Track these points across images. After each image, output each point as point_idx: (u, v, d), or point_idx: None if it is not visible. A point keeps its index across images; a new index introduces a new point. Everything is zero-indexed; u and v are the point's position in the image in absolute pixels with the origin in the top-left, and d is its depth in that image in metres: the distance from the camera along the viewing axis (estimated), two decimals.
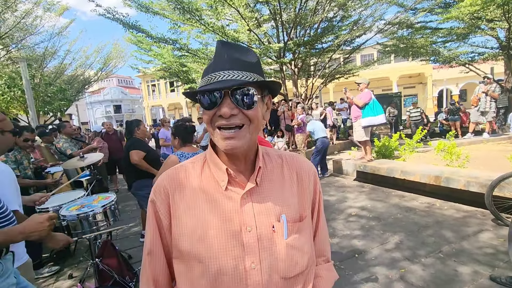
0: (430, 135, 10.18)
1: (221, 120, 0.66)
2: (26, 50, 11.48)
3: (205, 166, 0.78)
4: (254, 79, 0.67)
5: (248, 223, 0.70)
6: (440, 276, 2.49)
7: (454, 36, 10.54)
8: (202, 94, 0.67)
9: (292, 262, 0.72)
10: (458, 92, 23.99)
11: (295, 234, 0.74)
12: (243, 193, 0.72)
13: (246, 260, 0.69)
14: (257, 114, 0.68)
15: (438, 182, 4.20)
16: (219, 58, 0.68)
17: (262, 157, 0.79)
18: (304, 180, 0.81)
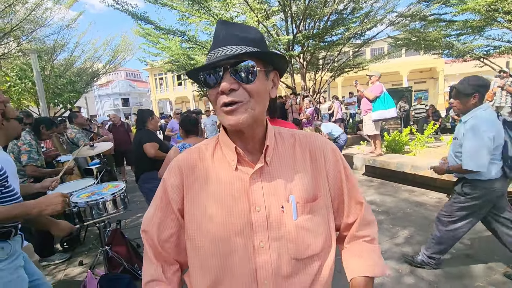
0: (441, 131, 9.98)
1: (223, 97, 0.65)
2: (37, 42, 11.59)
3: (217, 147, 0.78)
4: (252, 50, 0.65)
5: (257, 202, 0.70)
6: (452, 271, 2.45)
7: (469, 29, 10.19)
8: (203, 74, 0.67)
9: (303, 244, 0.71)
10: None
11: (306, 214, 0.72)
12: (252, 173, 0.71)
13: (254, 239, 0.69)
14: (258, 89, 0.66)
15: (450, 177, 4.10)
16: (218, 36, 0.68)
17: (274, 136, 0.77)
18: (318, 159, 0.78)
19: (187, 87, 28.12)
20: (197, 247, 0.72)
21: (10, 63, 11.25)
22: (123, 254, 2.62)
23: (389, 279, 2.40)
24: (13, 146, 2.91)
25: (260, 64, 0.67)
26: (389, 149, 6.05)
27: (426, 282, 2.34)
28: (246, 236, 0.69)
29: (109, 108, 37.49)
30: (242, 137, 0.73)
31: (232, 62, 0.64)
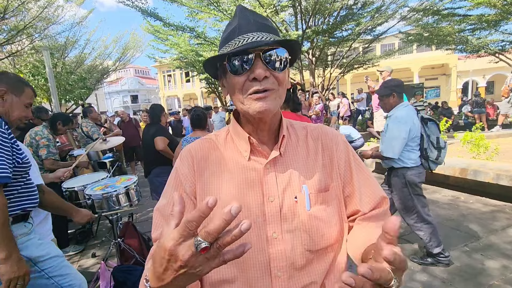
0: (454, 128, 9.77)
1: (255, 84, 0.63)
2: (49, 40, 11.79)
3: (228, 138, 0.78)
4: (283, 39, 0.65)
5: (270, 193, 0.69)
6: (466, 269, 2.40)
7: (484, 23, 9.90)
8: (230, 59, 0.64)
9: (317, 234, 0.70)
10: (485, 84, 22.78)
11: (320, 205, 0.71)
12: (266, 163, 0.70)
13: (268, 230, 0.68)
14: (285, 78, 0.68)
15: (464, 175, 4.02)
16: (245, 21, 0.66)
17: (287, 128, 0.77)
18: (331, 149, 0.77)
19: (195, 84, 28.22)
20: None
21: (23, 60, 11.49)
22: (135, 247, 2.65)
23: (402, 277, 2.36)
24: (31, 140, 2.98)
25: (286, 54, 0.67)
26: None
27: (439, 279, 2.30)
28: (259, 226, 0.68)
29: (118, 105, 37.98)
30: (259, 127, 0.72)
31: (265, 49, 0.63)
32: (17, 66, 11.52)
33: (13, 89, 1.43)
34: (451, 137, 6.72)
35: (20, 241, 1.32)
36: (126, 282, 2.18)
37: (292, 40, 0.68)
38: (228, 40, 0.66)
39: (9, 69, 11.85)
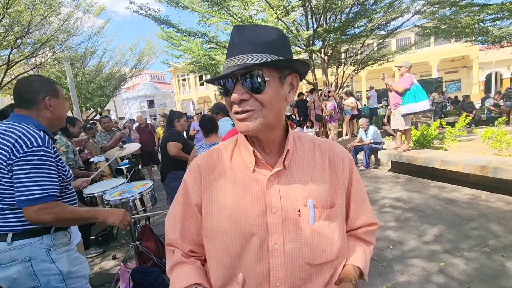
0: (476, 123, 9.37)
1: (235, 105, 0.67)
2: (69, 51, 12.34)
3: (236, 149, 0.80)
4: (261, 60, 0.63)
5: (273, 204, 0.71)
6: (486, 271, 2.32)
7: (506, 12, 9.42)
8: (219, 83, 0.69)
9: (318, 249, 0.72)
10: (510, 75, 21.62)
11: (323, 220, 0.73)
12: (270, 175, 0.72)
13: (269, 240, 0.70)
14: (269, 98, 0.66)
15: (484, 173, 3.87)
16: (231, 44, 0.68)
17: (294, 140, 0.78)
18: (338, 166, 0.79)
19: (209, 87, 28.60)
20: (213, 244, 0.75)
21: (46, 71, 12.09)
22: (152, 249, 2.75)
23: (417, 278, 2.33)
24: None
25: (273, 71, 0.66)
26: (416, 144, 5.79)
27: (457, 281, 2.24)
28: (261, 237, 0.70)
29: (135, 110, 39.10)
30: (260, 141, 0.75)
31: (242, 72, 0.64)
32: None
33: (52, 93, 1.42)
34: (471, 133, 6.46)
35: (58, 251, 1.34)
36: (144, 283, 2.28)
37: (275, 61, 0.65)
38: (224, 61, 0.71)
39: None
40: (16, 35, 8.20)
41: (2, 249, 1.24)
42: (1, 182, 1.22)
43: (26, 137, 1.24)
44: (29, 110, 1.35)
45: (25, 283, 1.26)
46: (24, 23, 8.20)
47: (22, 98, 1.35)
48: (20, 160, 1.21)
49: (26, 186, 1.19)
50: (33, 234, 1.28)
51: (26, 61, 10.60)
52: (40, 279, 1.27)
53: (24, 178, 1.20)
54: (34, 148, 1.23)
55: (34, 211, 1.20)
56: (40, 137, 1.28)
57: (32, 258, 1.26)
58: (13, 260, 1.24)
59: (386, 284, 2.29)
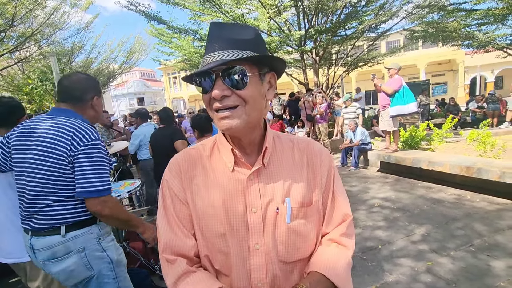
0: (461, 125, 9.63)
1: (215, 102, 0.65)
2: (56, 45, 12.00)
3: (215, 148, 0.78)
4: (243, 55, 0.62)
5: (253, 204, 0.70)
6: (472, 270, 2.37)
7: (491, 18, 9.72)
8: (197, 79, 0.67)
9: (293, 247, 0.72)
10: (493, 79, 22.33)
11: (300, 219, 0.72)
12: (249, 174, 0.71)
13: (250, 241, 0.69)
14: (251, 94, 0.65)
15: (469, 173, 3.97)
16: (210, 40, 0.66)
17: (273, 140, 0.77)
18: (315, 164, 0.78)
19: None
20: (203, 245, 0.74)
21: (31, 66, 11.74)
22: (140, 250, 2.69)
23: (405, 277, 2.35)
24: None
25: (254, 68, 0.65)
26: (405, 145, 5.89)
27: (444, 280, 2.28)
28: (242, 237, 0.69)
29: (125, 108, 38.40)
30: (240, 140, 0.73)
31: (224, 68, 0.62)
32: (25, 72, 11.76)
33: (99, 93, 1.47)
34: (457, 134, 6.62)
35: (106, 239, 1.38)
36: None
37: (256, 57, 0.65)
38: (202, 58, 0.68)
39: (18, 75, 12.13)
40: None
41: (57, 242, 1.26)
42: (59, 173, 1.24)
43: (83, 131, 1.27)
44: (75, 106, 1.38)
45: (81, 274, 1.30)
46: (8, 15, 7.92)
47: (70, 94, 1.37)
48: (83, 152, 1.24)
49: (92, 177, 1.24)
50: (84, 225, 1.31)
51: (10, 55, 10.24)
52: (94, 268, 1.31)
53: (89, 170, 1.24)
54: (93, 142, 1.28)
55: (99, 202, 1.26)
56: (95, 131, 1.33)
57: (86, 248, 1.30)
58: (68, 252, 1.27)
59: (375, 284, 2.31)
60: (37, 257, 1.29)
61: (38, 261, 1.30)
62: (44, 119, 1.32)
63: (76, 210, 1.29)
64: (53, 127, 1.27)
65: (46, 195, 1.25)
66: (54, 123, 1.28)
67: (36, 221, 1.27)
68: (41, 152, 1.24)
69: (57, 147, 1.24)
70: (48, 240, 1.26)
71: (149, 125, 3.77)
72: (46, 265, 1.29)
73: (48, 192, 1.25)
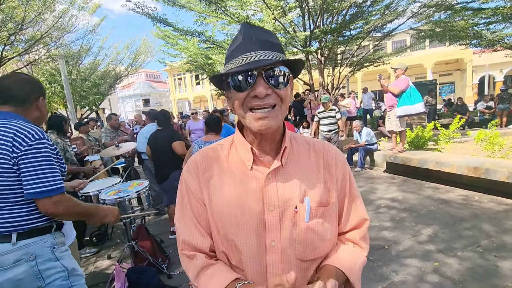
0: (469, 125, 9.50)
1: (255, 101, 0.67)
2: (64, 48, 12.21)
3: (232, 148, 0.80)
4: (284, 57, 0.68)
5: (271, 202, 0.72)
6: (479, 270, 2.36)
7: (499, 17, 9.55)
8: (233, 77, 0.67)
9: (311, 246, 0.73)
10: (502, 78, 21.96)
11: (318, 218, 0.74)
12: (268, 173, 0.73)
13: (267, 238, 0.71)
14: (288, 94, 0.70)
15: (477, 174, 3.93)
16: (247, 39, 0.67)
17: (289, 140, 0.79)
18: (331, 166, 0.80)
19: (205, 86, 28.53)
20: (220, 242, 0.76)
21: (40, 69, 11.94)
22: (148, 249, 2.74)
23: (412, 277, 2.35)
24: None
25: (287, 70, 0.69)
26: (411, 145, 5.85)
27: (451, 281, 2.27)
28: (259, 234, 0.71)
29: (131, 109, 38.79)
30: (262, 139, 0.74)
31: (267, 68, 0.65)
32: (34, 74, 11.98)
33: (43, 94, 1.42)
34: (465, 135, 6.55)
35: (60, 249, 1.33)
36: (139, 283, 2.26)
37: (295, 60, 0.70)
38: (232, 57, 0.69)
39: None
40: (9, 31, 8.07)
41: (6, 250, 1.18)
42: (5, 178, 1.19)
43: (24, 131, 1.22)
44: (17, 108, 1.31)
45: (29, 284, 1.22)
46: (17, 19, 8.08)
47: (12, 96, 1.31)
48: (27, 152, 1.19)
49: (40, 178, 1.19)
50: (38, 233, 1.25)
51: (19, 58, 10.45)
52: (45, 278, 1.25)
53: (36, 170, 1.19)
54: (38, 141, 1.22)
55: (53, 202, 1.21)
56: (39, 130, 1.26)
57: (38, 256, 1.23)
58: (17, 261, 1.19)
59: (381, 284, 2.31)
60: None
61: None
62: None
63: (29, 217, 1.23)
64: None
65: None
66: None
67: None
68: None
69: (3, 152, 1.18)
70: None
71: (154, 126, 3.83)
72: None
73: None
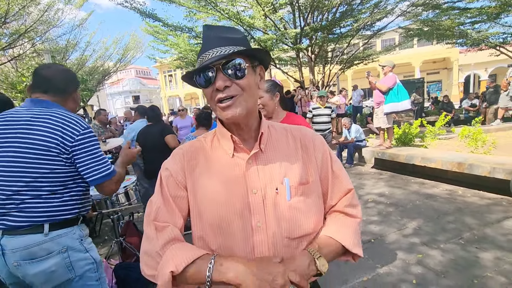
0: (454, 123, 9.75)
1: (218, 93, 0.72)
2: (50, 43, 11.90)
3: (215, 139, 0.85)
4: (239, 49, 0.72)
5: (253, 185, 0.76)
6: (460, 262, 2.44)
7: (484, 16, 9.82)
8: (198, 75, 0.74)
9: (296, 223, 0.77)
10: (487, 77, 22.56)
11: (299, 196, 0.78)
12: (248, 158, 0.78)
13: (252, 220, 0.75)
14: (248, 83, 0.74)
15: (461, 169, 4.05)
16: (207, 39, 0.75)
17: (268, 128, 0.85)
18: (309, 148, 0.85)
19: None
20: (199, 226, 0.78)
21: (25, 64, 11.61)
22: (136, 245, 2.72)
23: (396, 269, 2.41)
24: None
25: (247, 61, 0.74)
26: (399, 142, 5.97)
27: (433, 272, 2.34)
28: (245, 217, 0.75)
29: (120, 106, 38.16)
30: (239, 128, 0.80)
31: (223, 62, 0.71)
32: (19, 70, 11.64)
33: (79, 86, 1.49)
34: (450, 131, 6.72)
35: (87, 241, 1.35)
36: (127, 279, 2.25)
37: (254, 49, 0.75)
38: (198, 58, 0.77)
39: (11, 73, 12.00)
40: None
41: (38, 241, 1.17)
42: (44, 166, 1.18)
43: (73, 120, 1.26)
44: (56, 97, 1.34)
45: (61, 276, 1.23)
46: (0, 12, 7.82)
47: (52, 85, 1.33)
48: (82, 142, 1.25)
49: (100, 163, 1.29)
50: (67, 225, 1.27)
51: (3, 52, 10.12)
52: (76, 270, 1.26)
53: (95, 157, 1.27)
54: (86, 130, 1.28)
55: (115, 182, 1.35)
56: (82, 119, 1.31)
57: (69, 248, 1.24)
58: (50, 252, 1.19)
59: (366, 276, 2.36)
60: (7, 259, 1.16)
61: (10, 263, 1.17)
62: (21, 110, 1.25)
63: (61, 208, 1.24)
64: (37, 118, 1.21)
65: (27, 189, 1.17)
66: (36, 114, 1.22)
67: (13, 218, 1.16)
68: (23, 144, 1.16)
69: (45, 139, 1.18)
70: (27, 239, 1.16)
71: (143, 122, 3.79)
72: (20, 268, 1.17)
73: (29, 186, 1.17)
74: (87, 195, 1.39)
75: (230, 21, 8.80)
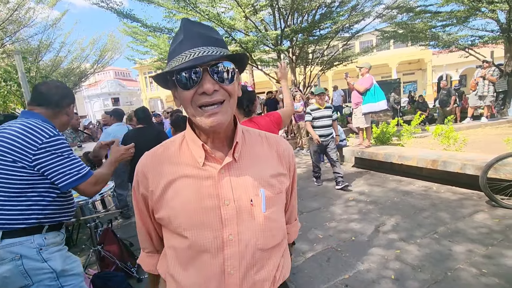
0: (429, 121, 10.18)
1: (204, 97, 0.66)
2: (21, 43, 11.32)
3: (183, 144, 0.78)
4: (228, 53, 0.68)
5: (226, 197, 0.71)
6: (435, 255, 2.55)
7: (454, 20, 10.36)
8: (178, 74, 0.65)
9: (270, 234, 0.75)
10: (458, 77, 23.80)
11: (273, 207, 0.77)
12: (220, 168, 0.72)
13: (224, 232, 0.70)
14: (234, 89, 0.70)
15: (435, 166, 4.23)
16: (189, 35, 0.66)
17: (242, 133, 0.80)
18: (283, 158, 0.84)
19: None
20: (170, 239, 0.77)
21: None
22: (115, 253, 2.64)
23: (376, 265, 2.49)
24: None
25: (233, 65, 0.69)
26: (377, 141, 6.16)
27: (410, 266, 2.43)
28: (216, 230, 0.71)
29: (99, 109, 36.85)
30: (213, 135, 0.73)
31: (212, 64, 0.65)
32: None
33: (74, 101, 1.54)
34: (424, 130, 7.01)
35: (50, 250, 1.32)
36: None
37: (240, 54, 0.71)
38: (175, 54, 0.67)
39: None
40: None
41: None
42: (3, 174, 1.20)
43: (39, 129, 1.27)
44: (48, 111, 1.41)
45: (17, 282, 1.24)
46: None
47: (45, 99, 1.41)
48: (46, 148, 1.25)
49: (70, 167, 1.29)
50: (25, 233, 1.25)
51: None
52: (32, 278, 1.26)
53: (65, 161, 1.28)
54: (54, 137, 1.29)
55: (93, 183, 1.36)
56: (54, 128, 1.34)
57: (23, 256, 1.23)
58: (2, 259, 1.20)
59: (348, 273, 2.42)
60: None
61: None
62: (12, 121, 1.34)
63: (17, 216, 1.22)
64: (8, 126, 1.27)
65: None
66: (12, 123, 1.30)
67: None
68: None
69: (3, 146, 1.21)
70: None
71: (121, 126, 3.68)
72: None
73: None
74: (59, 203, 1.34)
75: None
